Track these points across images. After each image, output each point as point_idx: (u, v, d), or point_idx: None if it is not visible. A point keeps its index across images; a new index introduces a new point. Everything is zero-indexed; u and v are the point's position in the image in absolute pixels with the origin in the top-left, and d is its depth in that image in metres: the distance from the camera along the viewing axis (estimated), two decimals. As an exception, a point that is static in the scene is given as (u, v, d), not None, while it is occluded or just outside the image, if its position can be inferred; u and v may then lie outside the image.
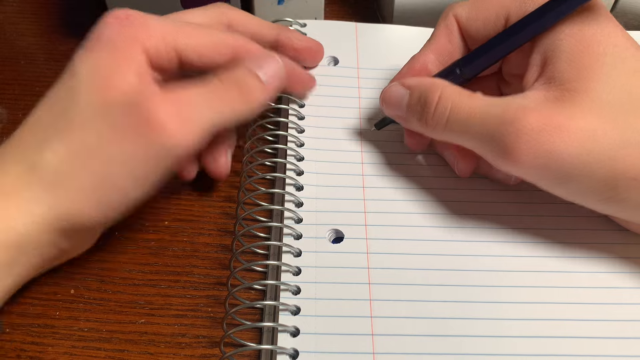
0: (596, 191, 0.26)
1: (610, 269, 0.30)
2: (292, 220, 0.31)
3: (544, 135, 0.25)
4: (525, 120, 0.26)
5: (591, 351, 0.27)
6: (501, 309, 0.28)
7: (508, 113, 0.26)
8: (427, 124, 0.29)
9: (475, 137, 0.28)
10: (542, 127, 0.25)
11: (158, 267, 0.31)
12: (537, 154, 0.26)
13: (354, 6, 0.47)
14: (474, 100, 0.28)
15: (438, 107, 0.29)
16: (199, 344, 0.28)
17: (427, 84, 0.30)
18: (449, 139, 0.29)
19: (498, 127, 0.26)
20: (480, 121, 0.27)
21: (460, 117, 0.28)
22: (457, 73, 0.31)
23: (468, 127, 0.28)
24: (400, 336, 0.27)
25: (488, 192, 0.33)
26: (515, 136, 0.26)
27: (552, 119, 0.25)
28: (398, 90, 0.31)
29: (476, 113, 0.27)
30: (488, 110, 0.27)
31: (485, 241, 0.31)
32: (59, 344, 0.28)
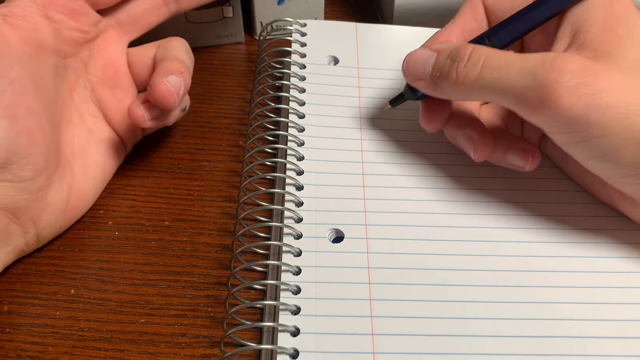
0: (629, 149, 0.25)
1: (612, 268, 0.30)
2: (292, 220, 0.31)
3: (588, 78, 0.25)
4: (568, 62, 0.25)
5: (592, 351, 0.27)
6: (501, 309, 0.28)
7: (549, 57, 0.26)
8: (458, 76, 0.28)
9: (512, 82, 0.26)
10: (585, 71, 0.25)
11: (158, 267, 0.31)
12: (580, 95, 0.25)
13: (354, 6, 0.47)
14: (508, 53, 0.27)
15: (471, 58, 0.28)
16: (199, 344, 0.28)
17: (455, 44, 0.29)
18: (478, 93, 0.28)
19: (539, 68, 0.25)
20: (518, 65, 0.26)
21: (497, 64, 0.27)
22: (486, 43, 0.29)
23: (505, 72, 0.26)
24: (400, 336, 0.27)
25: (488, 192, 0.33)
26: (559, 73, 0.25)
27: (593, 67, 0.25)
28: (424, 52, 0.30)
29: (513, 60, 0.26)
30: (526, 58, 0.26)
31: (485, 241, 0.31)
32: (59, 344, 0.28)
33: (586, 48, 0.26)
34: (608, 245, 0.31)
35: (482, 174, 0.33)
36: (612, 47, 0.26)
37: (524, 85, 0.26)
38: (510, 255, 0.30)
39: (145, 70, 0.34)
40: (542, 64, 0.26)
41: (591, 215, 0.32)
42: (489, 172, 0.34)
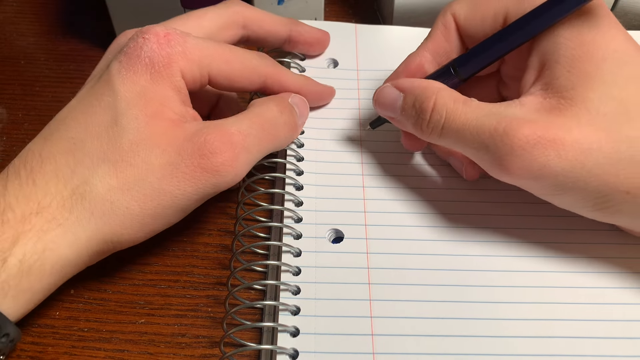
0: (589, 203, 0.26)
1: (609, 269, 0.30)
2: (291, 220, 0.31)
3: (537, 149, 0.25)
4: (519, 133, 0.25)
5: (591, 351, 0.27)
6: (501, 309, 0.28)
7: (502, 125, 0.26)
8: (423, 130, 0.29)
9: (470, 147, 0.27)
10: (536, 140, 0.25)
11: (158, 267, 0.31)
12: (531, 168, 0.26)
13: (354, 6, 0.47)
14: (468, 109, 0.27)
15: (433, 115, 0.28)
16: (199, 344, 0.28)
17: (421, 87, 0.29)
18: (445, 145, 0.29)
19: (492, 139, 0.26)
20: (474, 131, 0.27)
21: (455, 127, 0.28)
22: (452, 74, 0.30)
23: (463, 136, 0.27)
24: (400, 336, 0.27)
25: (488, 192, 0.33)
26: (509, 148, 0.26)
27: (546, 132, 0.25)
28: (391, 92, 0.31)
29: (471, 123, 0.27)
30: (482, 121, 0.27)
31: (485, 241, 0.31)
32: (59, 344, 0.28)
33: (551, 90, 0.27)
34: (609, 246, 0.31)
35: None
36: (575, 91, 0.26)
37: (481, 148, 0.27)
38: (511, 255, 0.30)
39: None
40: (494, 135, 0.26)
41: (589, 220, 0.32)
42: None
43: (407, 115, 0.30)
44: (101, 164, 0.27)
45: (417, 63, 0.32)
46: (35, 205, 0.26)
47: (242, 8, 0.34)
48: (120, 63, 0.28)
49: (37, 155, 0.27)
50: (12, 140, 0.37)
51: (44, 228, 0.25)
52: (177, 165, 0.27)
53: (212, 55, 0.30)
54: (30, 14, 0.46)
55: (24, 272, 0.25)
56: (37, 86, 0.41)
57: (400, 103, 0.30)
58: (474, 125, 0.27)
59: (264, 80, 0.32)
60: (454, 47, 0.32)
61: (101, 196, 0.26)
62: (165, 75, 0.28)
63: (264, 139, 0.30)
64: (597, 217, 0.28)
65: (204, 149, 0.27)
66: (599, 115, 0.25)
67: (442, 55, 0.32)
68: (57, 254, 0.26)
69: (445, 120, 0.28)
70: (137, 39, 0.29)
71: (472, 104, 0.28)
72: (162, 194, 0.27)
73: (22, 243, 0.25)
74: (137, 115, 0.27)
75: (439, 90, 0.29)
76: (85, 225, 0.26)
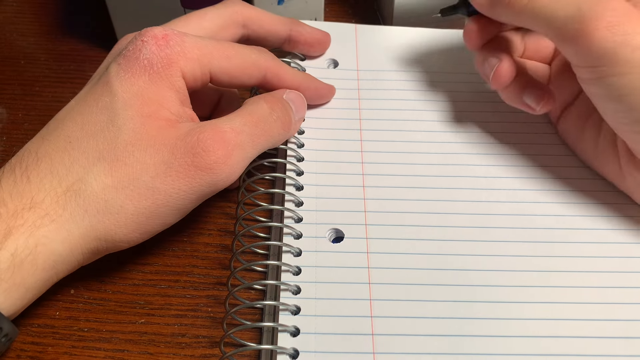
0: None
1: (612, 267, 0.30)
2: (292, 220, 0.31)
3: (625, 18, 0.26)
4: (612, 1, 0.27)
5: (592, 351, 0.27)
6: (501, 309, 0.28)
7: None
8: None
9: (556, 14, 0.28)
10: (625, 12, 0.26)
11: (158, 267, 0.31)
12: (614, 35, 0.26)
13: (354, 6, 0.47)
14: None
15: None
16: (199, 344, 0.28)
17: None
18: (525, 19, 0.29)
19: (585, 1, 0.27)
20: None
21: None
22: None
23: (552, 2, 0.28)
24: (400, 336, 0.27)
25: (488, 192, 0.33)
26: (600, 11, 0.26)
27: (633, 11, 0.27)
28: None
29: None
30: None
31: (485, 241, 0.31)
32: (59, 344, 0.28)
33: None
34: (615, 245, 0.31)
35: (481, 173, 0.33)
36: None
37: (567, 15, 0.27)
38: (510, 255, 0.30)
39: None
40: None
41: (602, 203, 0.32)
42: (492, 172, 0.34)
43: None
44: (96, 162, 0.27)
45: None
46: (28, 201, 0.26)
47: (241, 8, 0.34)
48: (119, 65, 0.28)
49: (34, 154, 0.27)
50: (12, 140, 0.37)
51: (36, 223, 0.25)
52: (170, 164, 0.27)
53: (212, 53, 0.30)
54: (30, 14, 0.46)
55: (16, 266, 0.25)
56: (37, 86, 0.41)
57: None
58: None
59: (263, 74, 0.32)
60: None
61: (95, 194, 0.26)
62: (164, 76, 0.28)
63: (257, 136, 0.30)
64: (634, 131, 0.28)
65: (197, 148, 0.27)
66: None
67: None
68: (49, 250, 0.26)
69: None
70: (136, 41, 0.29)
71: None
72: (156, 192, 0.27)
73: (14, 237, 0.25)
74: (133, 116, 0.27)
75: None
76: (79, 222, 0.26)
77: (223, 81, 0.31)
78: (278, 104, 0.31)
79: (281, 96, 0.32)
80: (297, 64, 0.38)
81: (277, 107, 0.31)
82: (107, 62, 0.30)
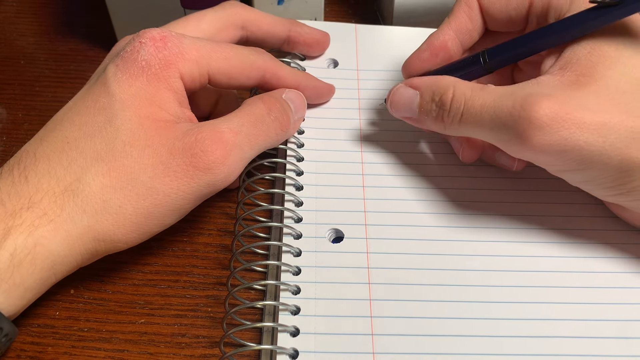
0: (609, 178, 0.26)
1: (610, 268, 0.30)
2: (291, 220, 0.31)
3: (557, 122, 0.25)
4: (538, 107, 0.25)
5: (589, 351, 0.27)
6: (500, 309, 0.28)
7: (518, 102, 0.26)
8: (444, 122, 0.29)
9: (490, 128, 0.27)
10: (556, 113, 0.25)
11: (158, 267, 0.31)
12: (552, 141, 0.25)
13: (354, 6, 0.47)
14: (486, 93, 0.28)
15: (452, 105, 0.28)
16: (199, 344, 0.28)
17: (437, 82, 0.30)
18: (464, 133, 0.29)
19: (510, 116, 0.26)
20: (492, 112, 0.27)
21: (474, 112, 0.28)
22: (480, 63, 0.30)
23: (482, 119, 0.27)
24: (400, 336, 0.27)
25: (489, 192, 0.33)
26: (527, 123, 0.25)
27: (566, 105, 0.25)
28: (407, 92, 0.31)
29: (489, 105, 0.27)
30: (500, 102, 0.27)
31: (485, 241, 0.31)
32: (59, 344, 0.28)
33: (569, 68, 0.27)
34: (604, 246, 0.31)
35: (481, 174, 0.33)
36: (595, 69, 0.26)
37: (501, 128, 0.27)
38: (510, 255, 0.30)
39: None
40: (512, 112, 0.26)
41: (588, 216, 0.32)
42: (488, 172, 0.34)
43: (427, 110, 0.30)
44: (95, 162, 0.27)
45: (441, 41, 0.32)
46: (26, 201, 0.26)
47: (240, 9, 0.34)
48: (117, 66, 0.28)
49: (32, 155, 0.27)
50: (12, 140, 0.37)
51: (35, 223, 0.25)
52: (168, 165, 0.27)
53: (210, 54, 0.30)
54: (30, 14, 0.46)
55: (16, 267, 0.25)
56: (37, 86, 0.41)
57: (417, 101, 0.30)
58: (492, 106, 0.27)
59: (262, 75, 0.32)
60: (477, 26, 0.32)
61: (94, 194, 0.26)
62: (162, 77, 0.28)
63: (255, 136, 0.30)
64: (612, 197, 0.28)
65: (195, 148, 0.27)
66: (619, 92, 0.26)
67: (464, 34, 0.32)
68: (48, 250, 0.26)
69: (464, 107, 0.28)
70: (134, 43, 0.29)
71: (489, 89, 0.28)
72: (154, 192, 0.27)
73: (13, 237, 0.25)
74: (131, 117, 0.27)
75: (454, 82, 0.29)
76: (77, 222, 0.26)
77: (221, 82, 0.31)
78: (276, 104, 0.31)
79: (280, 96, 0.32)
80: (297, 64, 0.38)
81: (275, 107, 0.31)
82: (105, 64, 0.30)
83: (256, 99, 0.31)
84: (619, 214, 0.31)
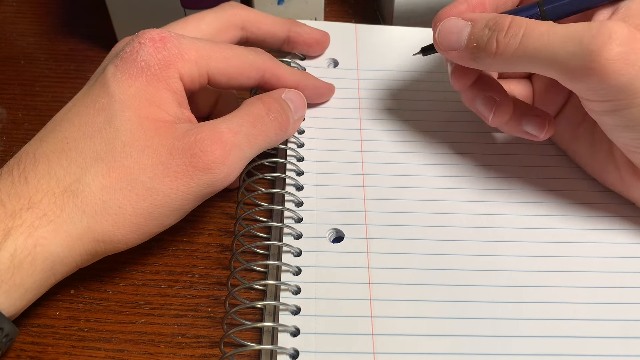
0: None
1: (608, 268, 0.30)
2: (292, 220, 0.31)
3: (636, 46, 0.25)
4: (618, 27, 0.25)
5: (591, 351, 0.27)
6: (501, 309, 0.28)
7: (594, 25, 0.25)
8: (498, 47, 0.27)
9: (556, 49, 0.26)
10: (633, 39, 0.25)
11: (158, 267, 0.31)
12: (629, 63, 0.24)
13: (354, 6, 0.47)
14: (549, 23, 0.26)
15: (511, 27, 0.27)
16: (199, 344, 0.28)
17: (492, 14, 0.28)
18: (518, 62, 0.27)
19: (585, 34, 0.25)
20: (562, 32, 0.26)
21: (538, 32, 0.26)
22: (537, 12, 0.28)
23: (547, 40, 0.26)
24: (400, 336, 0.27)
25: (489, 192, 0.33)
26: (608, 39, 0.24)
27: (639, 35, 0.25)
28: (457, 22, 0.29)
29: (556, 28, 0.26)
30: (569, 26, 0.26)
31: (485, 241, 0.31)
32: (59, 344, 0.28)
33: (632, 16, 0.26)
34: (613, 245, 0.30)
35: (482, 174, 0.33)
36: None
37: (568, 52, 0.25)
38: (511, 255, 0.30)
39: None
40: (588, 30, 0.25)
41: (593, 216, 0.32)
42: (492, 173, 0.34)
43: (477, 38, 0.28)
44: (94, 163, 0.27)
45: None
46: (26, 202, 0.26)
47: (239, 10, 0.34)
48: (116, 67, 0.28)
49: (31, 156, 0.27)
50: (12, 140, 0.37)
51: (34, 224, 0.25)
52: (168, 165, 0.27)
53: (209, 54, 0.30)
54: (30, 14, 0.46)
55: (16, 267, 0.25)
56: (37, 86, 0.41)
57: (467, 31, 0.28)
58: (561, 27, 0.26)
59: (262, 75, 0.32)
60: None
61: (93, 195, 0.26)
62: (161, 78, 0.28)
63: (255, 136, 0.29)
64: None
65: (195, 148, 0.27)
66: None
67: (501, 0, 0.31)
68: (48, 251, 0.26)
69: (526, 29, 0.26)
70: (133, 43, 0.29)
71: (551, 22, 0.27)
72: (154, 193, 0.27)
73: (13, 238, 0.25)
74: (131, 117, 0.27)
75: (512, 15, 0.28)
76: (77, 223, 0.26)
77: (221, 82, 0.31)
78: (275, 104, 0.31)
79: (279, 96, 0.32)
80: (297, 63, 0.38)
81: (274, 107, 0.31)
82: (105, 64, 0.30)
83: (255, 99, 0.31)
84: (635, 197, 0.30)
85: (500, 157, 0.34)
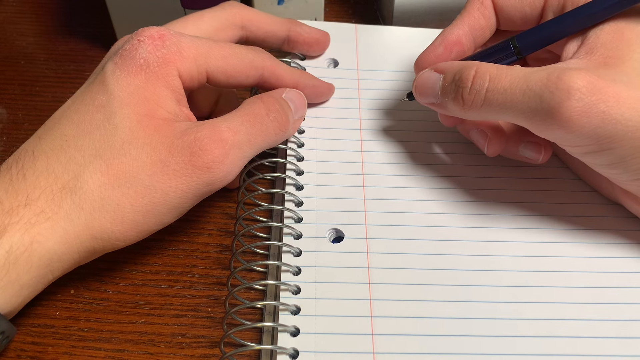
0: (637, 157, 0.26)
1: (615, 268, 0.30)
2: (292, 220, 0.31)
3: (596, 95, 0.25)
4: (576, 77, 0.25)
5: (590, 351, 0.27)
6: (500, 309, 0.28)
7: (556, 74, 0.25)
8: (464, 101, 0.28)
9: (519, 105, 0.26)
10: (594, 85, 0.25)
11: (158, 267, 0.31)
12: (590, 114, 0.25)
13: (354, 6, 0.47)
14: (514, 70, 0.27)
15: (475, 82, 0.28)
16: (199, 344, 0.28)
17: (460, 64, 0.29)
18: (487, 115, 0.28)
19: (547, 87, 0.25)
20: (525, 85, 0.26)
21: (502, 88, 0.27)
22: (510, 50, 0.29)
23: (512, 95, 0.26)
24: (400, 336, 0.27)
25: (488, 192, 0.33)
26: (566, 94, 0.25)
27: (602, 79, 0.25)
28: (431, 75, 0.30)
29: (520, 79, 0.26)
30: (533, 76, 0.26)
31: (485, 241, 0.31)
32: (59, 344, 0.28)
33: (596, 52, 0.27)
34: (611, 245, 0.31)
35: (483, 174, 0.33)
36: (621, 52, 0.26)
37: (531, 108, 0.26)
38: (511, 255, 0.30)
39: None
40: (547, 86, 0.25)
41: (597, 216, 0.32)
42: (490, 172, 0.34)
43: (448, 91, 0.29)
44: (93, 160, 0.27)
45: (455, 35, 0.31)
46: (23, 198, 0.26)
47: (239, 9, 0.34)
48: (115, 64, 0.28)
49: (30, 153, 0.27)
50: (12, 140, 0.37)
51: (32, 221, 0.25)
52: (167, 163, 0.27)
53: (208, 52, 0.30)
54: (30, 14, 0.46)
55: (11, 264, 0.25)
56: (37, 86, 0.41)
57: (440, 84, 0.30)
58: (524, 80, 0.26)
59: (261, 73, 0.32)
60: (490, 24, 0.31)
61: (92, 192, 0.26)
62: (160, 75, 0.28)
63: (254, 136, 0.30)
64: (633, 184, 0.28)
65: (194, 147, 0.27)
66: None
67: (477, 30, 0.31)
68: (45, 247, 0.26)
69: (489, 84, 0.27)
70: (132, 41, 0.29)
71: (516, 67, 0.27)
72: (153, 190, 0.27)
73: (9, 234, 0.25)
74: (130, 115, 0.27)
75: (478, 63, 0.28)
76: (75, 220, 0.26)
77: (220, 81, 0.31)
78: (275, 104, 0.31)
79: (279, 96, 0.32)
80: (297, 63, 0.38)
81: (274, 107, 0.31)
82: (104, 62, 0.30)
83: (255, 99, 0.31)
84: (632, 209, 0.31)
85: (501, 158, 0.34)
